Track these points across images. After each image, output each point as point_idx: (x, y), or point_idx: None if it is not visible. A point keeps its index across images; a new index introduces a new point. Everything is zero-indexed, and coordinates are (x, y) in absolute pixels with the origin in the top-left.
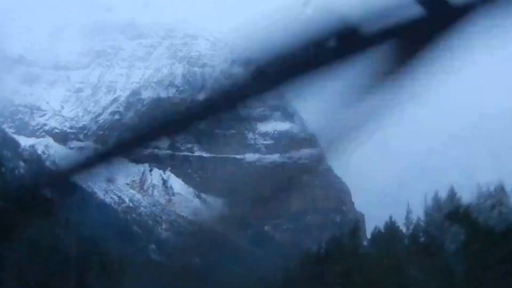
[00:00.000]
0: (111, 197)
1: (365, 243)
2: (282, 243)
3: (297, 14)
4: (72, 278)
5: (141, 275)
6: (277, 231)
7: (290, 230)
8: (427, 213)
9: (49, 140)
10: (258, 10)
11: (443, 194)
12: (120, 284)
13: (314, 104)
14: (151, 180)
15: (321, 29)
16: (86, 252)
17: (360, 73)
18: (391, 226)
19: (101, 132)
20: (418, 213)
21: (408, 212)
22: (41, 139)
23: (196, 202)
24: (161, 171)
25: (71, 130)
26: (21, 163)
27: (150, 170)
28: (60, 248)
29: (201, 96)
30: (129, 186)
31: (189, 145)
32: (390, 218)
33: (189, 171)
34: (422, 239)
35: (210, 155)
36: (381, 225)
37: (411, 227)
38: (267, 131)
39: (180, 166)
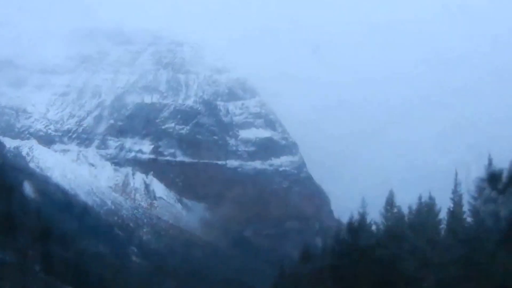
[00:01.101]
0: (93, 200)
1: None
2: (261, 248)
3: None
4: (55, 279)
5: (122, 276)
6: (256, 236)
7: (269, 236)
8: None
9: (34, 142)
10: (243, 19)
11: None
12: (101, 285)
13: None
14: (134, 183)
15: None
16: (67, 252)
17: None
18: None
19: (85, 136)
20: None
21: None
22: (26, 141)
23: (178, 206)
24: (143, 175)
25: (56, 133)
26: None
27: (133, 174)
28: (42, 248)
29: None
30: (112, 189)
31: (171, 150)
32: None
33: (171, 175)
34: None
35: (192, 160)
36: None
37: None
38: (249, 138)
39: (162, 171)
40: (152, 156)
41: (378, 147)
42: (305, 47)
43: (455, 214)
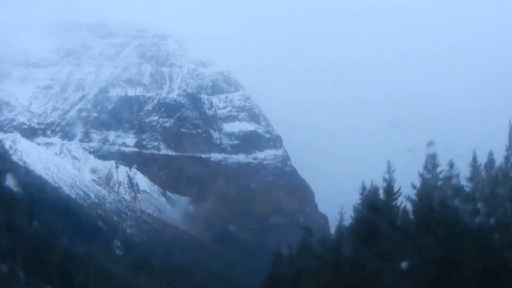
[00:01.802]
0: (77, 193)
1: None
2: (246, 243)
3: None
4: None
5: (106, 270)
6: (241, 231)
7: (254, 230)
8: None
9: (17, 135)
10: (227, 13)
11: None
12: (84, 279)
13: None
14: (117, 177)
15: None
16: (50, 246)
17: None
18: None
19: (69, 129)
20: None
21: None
22: (9, 134)
23: (161, 199)
24: (127, 169)
25: (39, 126)
26: None
27: (117, 167)
28: (25, 241)
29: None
30: (95, 182)
31: (155, 143)
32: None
33: (155, 169)
34: None
35: (176, 153)
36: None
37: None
38: (233, 131)
39: (146, 164)
40: (135, 149)
41: (363, 141)
42: (289, 40)
43: None
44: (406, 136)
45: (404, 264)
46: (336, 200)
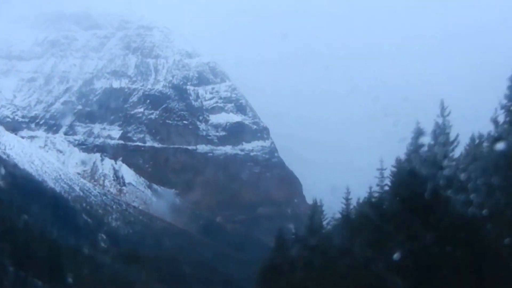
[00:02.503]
0: (61, 186)
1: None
2: (233, 234)
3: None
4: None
5: (90, 264)
6: (228, 222)
7: (241, 222)
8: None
9: (0, 129)
10: (213, 3)
11: None
12: (70, 272)
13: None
14: (102, 169)
15: None
16: (35, 240)
17: None
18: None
19: (53, 122)
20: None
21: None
22: None
23: (147, 192)
24: (112, 161)
25: (23, 119)
26: None
27: (102, 160)
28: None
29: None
30: (80, 176)
31: (141, 136)
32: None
33: (141, 161)
34: None
35: (162, 145)
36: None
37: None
38: (220, 122)
39: (131, 156)
40: (121, 142)
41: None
42: (276, 31)
43: None
44: (398, 123)
45: (396, 255)
46: (324, 191)
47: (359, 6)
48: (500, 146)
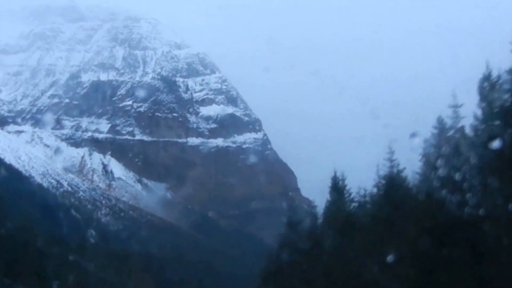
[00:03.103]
0: (49, 181)
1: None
2: (226, 229)
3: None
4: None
5: (80, 260)
6: (221, 217)
7: (234, 216)
8: None
9: None
10: None
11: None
12: (59, 269)
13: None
14: (91, 164)
15: None
16: (23, 237)
17: None
18: None
19: (40, 116)
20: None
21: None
22: None
23: (137, 187)
24: (101, 155)
25: (9, 114)
26: None
27: (90, 154)
28: None
29: None
30: (68, 171)
31: (129, 129)
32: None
33: (130, 155)
34: None
35: (151, 139)
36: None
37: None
38: (210, 115)
39: (120, 150)
40: (109, 136)
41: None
42: (267, 22)
43: None
44: (388, 126)
45: (389, 257)
46: (320, 184)
47: (354, 6)
48: (495, 144)
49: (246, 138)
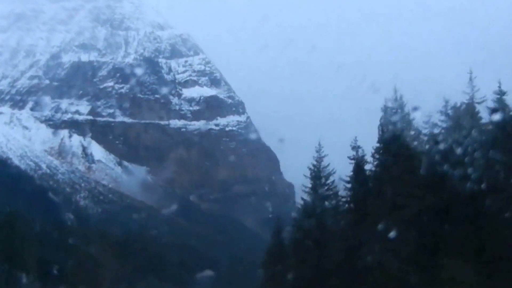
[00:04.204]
0: (27, 163)
1: (293, 213)
2: (208, 214)
3: None
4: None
5: (57, 244)
6: (203, 201)
7: (216, 200)
8: None
9: None
10: None
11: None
12: (34, 254)
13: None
14: (71, 146)
15: None
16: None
17: None
18: None
19: (19, 97)
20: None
21: None
22: None
23: (118, 170)
24: (81, 138)
25: None
26: None
27: (70, 136)
28: None
29: None
30: (47, 153)
31: (110, 111)
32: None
33: (111, 137)
34: None
35: (132, 121)
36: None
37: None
38: (193, 96)
39: (101, 133)
40: (90, 117)
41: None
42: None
43: None
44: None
45: (392, 234)
46: (303, 168)
47: None
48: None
49: (229, 120)
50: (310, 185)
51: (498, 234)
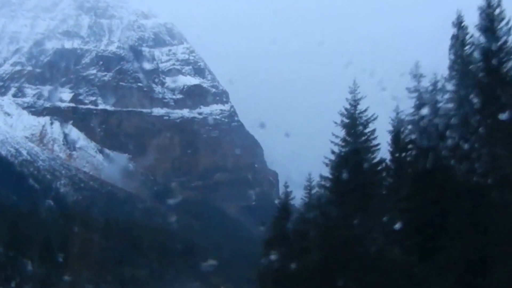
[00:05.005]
0: (8, 150)
1: (276, 201)
2: (189, 201)
3: None
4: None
5: (36, 231)
6: (184, 188)
7: (198, 188)
8: None
9: None
10: None
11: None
12: (14, 241)
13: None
14: (52, 133)
15: None
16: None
17: None
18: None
19: (1, 84)
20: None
21: None
22: None
23: (99, 157)
24: (63, 125)
25: None
26: None
27: (51, 123)
28: None
29: None
30: (28, 139)
31: (93, 98)
32: None
33: (92, 125)
34: None
35: (114, 108)
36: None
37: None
38: (177, 85)
39: (83, 120)
40: (72, 105)
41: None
42: None
43: None
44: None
45: (397, 225)
46: (286, 157)
47: None
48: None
49: (213, 109)
50: (342, 135)
51: (502, 227)
